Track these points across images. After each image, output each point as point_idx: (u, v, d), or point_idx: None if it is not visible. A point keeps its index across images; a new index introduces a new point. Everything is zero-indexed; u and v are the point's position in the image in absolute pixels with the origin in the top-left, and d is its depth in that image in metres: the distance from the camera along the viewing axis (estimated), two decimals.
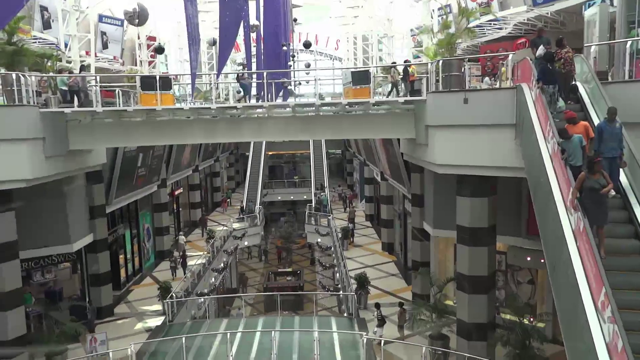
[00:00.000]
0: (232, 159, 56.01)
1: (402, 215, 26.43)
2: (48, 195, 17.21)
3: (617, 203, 8.42)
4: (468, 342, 14.15)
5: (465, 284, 14.05)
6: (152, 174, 25.62)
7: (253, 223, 36.32)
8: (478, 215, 13.68)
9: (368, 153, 33.22)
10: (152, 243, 27.92)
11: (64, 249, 17.81)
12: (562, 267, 7.75)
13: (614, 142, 8.40)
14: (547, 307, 15.70)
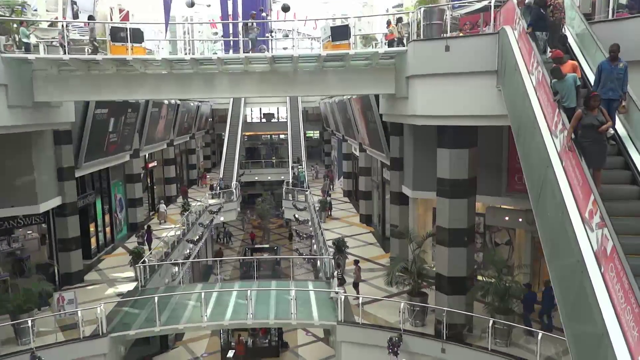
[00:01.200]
0: (209, 138, 55.17)
1: (381, 186, 26.28)
2: (14, 152, 16.51)
3: (613, 150, 7.81)
4: (447, 297, 14.00)
5: (445, 237, 13.88)
6: (124, 142, 24.84)
7: (229, 199, 35.75)
8: (458, 166, 13.48)
9: (347, 126, 32.91)
10: (124, 214, 27.20)
11: (30, 210, 17.08)
12: (547, 190, 7.54)
13: (613, 83, 7.81)
14: (525, 267, 15.63)
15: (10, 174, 16.48)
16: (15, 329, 14.14)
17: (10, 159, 16.44)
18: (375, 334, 14.48)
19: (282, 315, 16.33)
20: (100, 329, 14.62)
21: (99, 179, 24.02)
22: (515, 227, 17.10)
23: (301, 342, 25.86)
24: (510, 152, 15.71)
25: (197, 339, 26.34)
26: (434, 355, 13.78)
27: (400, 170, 19.68)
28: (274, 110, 59.47)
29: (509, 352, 12.96)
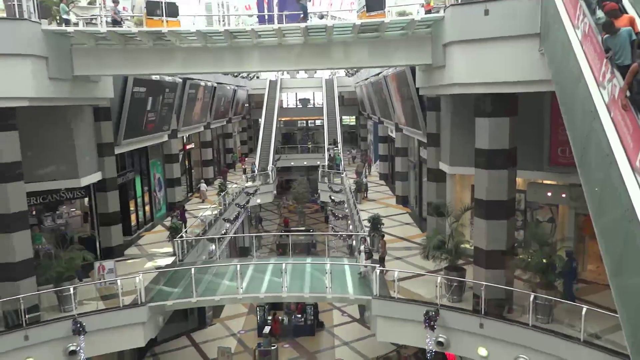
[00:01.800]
0: (245, 124, 55.57)
1: (418, 166, 25.83)
2: (56, 127, 16.94)
3: None
4: (486, 271, 13.59)
5: (483, 210, 13.44)
6: (162, 122, 25.21)
7: (265, 181, 35.94)
8: (498, 136, 12.99)
9: (382, 107, 32.48)
10: (163, 194, 27.68)
11: (72, 183, 17.51)
12: (593, 142, 7.12)
13: None
14: (568, 240, 15.02)
15: (53, 148, 16.91)
16: (58, 297, 14.57)
17: (53, 134, 16.86)
18: (411, 309, 14.22)
19: (317, 290, 16.30)
20: (139, 298, 14.92)
21: (138, 157, 24.49)
22: (558, 203, 16.45)
23: (337, 322, 25.90)
24: (553, 123, 15.07)
25: (234, 317, 26.74)
26: (472, 331, 13.42)
27: (437, 146, 19.24)
28: (309, 95, 59.38)
29: (551, 328, 12.50)
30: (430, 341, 13.73)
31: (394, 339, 15.68)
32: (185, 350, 23.23)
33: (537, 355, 12.38)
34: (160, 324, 16.22)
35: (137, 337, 15.06)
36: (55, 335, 13.83)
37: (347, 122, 60.61)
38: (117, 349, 15.89)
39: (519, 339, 12.62)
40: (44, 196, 18.02)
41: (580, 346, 11.52)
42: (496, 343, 13.12)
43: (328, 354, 22.57)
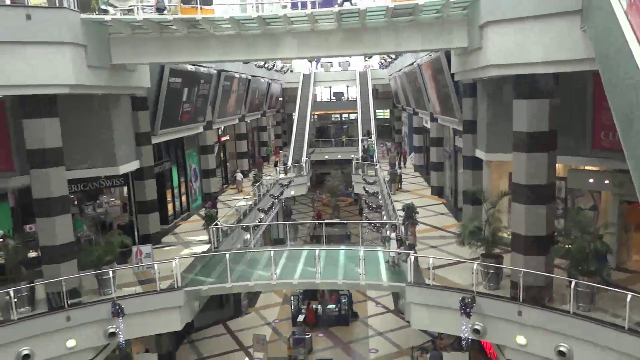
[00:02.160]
0: (279, 117, 55.83)
1: (453, 156, 25.40)
2: (95, 115, 17.36)
3: None
4: (524, 258, 13.23)
5: (522, 195, 13.06)
6: (197, 113, 25.55)
7: (299, 173, 36.04)
8: (537, 118, 12.59)
9: (417, 98, 32.07)
10: (199, 184, 28.08)
11: (111, 171, 17.90)
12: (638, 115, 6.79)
13: None
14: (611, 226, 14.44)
15: (92, 137, 17.33)
16: (97, 280, 14.95)
17: (92, 123, 17.27)
18: (446, 296, 13.99)
19: (350, 277, 16.23)
20: (176, 283, 15.18)
21: (174, 148, 24.90)
22: (600, 189, 15.87)
23: (371, 312, 25.78)
24: (596, 106, 14.52)
25: (269, 307, 26.95)
26: (510, 319, 13.10)
27: (473, 133, 18.85)
28: (343, 89, 59.18)
29: (593, 316, 12.07)
30: (466, 329, 13.49)
31: (428, 326, 15.49)
32: (221, 338, 23.55)
33: (578, 344, 11.99)
34: (196, 309, 16.47)
35: (173, 320, 15.33)
36: (95, 317, 14.20)
37: (381, 116, 60.16)
38: (154, 331, 16.23)
39: (559, 327, 12.25)
40: (84, 184, 18.53)
41: (625, 334, 11.09)
42: (535, 331, 12.77)
43: (362, 344, 22.49)
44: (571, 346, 12.11)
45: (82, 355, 14.41)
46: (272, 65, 42.72)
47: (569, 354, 12.10)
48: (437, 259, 15.31)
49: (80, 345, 14.19)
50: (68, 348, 13.96)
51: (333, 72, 56.83)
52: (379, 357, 21.18)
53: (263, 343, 20.41)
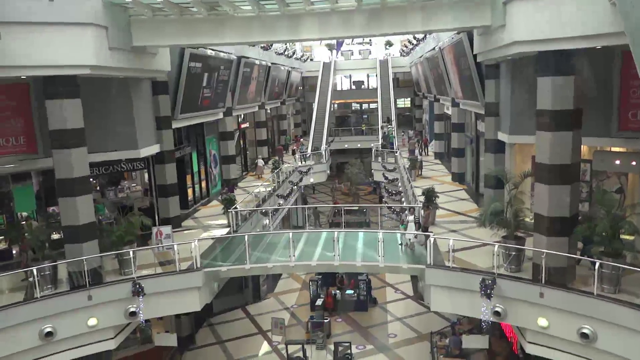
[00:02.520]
0: (299, 106, 55.78)
1: (475, 141, 25.06)
2: (116, 100, 17.49)
3: None
4: (547, 239, 12.97)
5: (545, 174, 12.78)
6: (217, 99, 25.61)
7: (319, 160, 36.01)
8: (562, 96, 12.25)
9: (438, 84, 31.68)
10: (219, 170, 28.22)
11: (132, 154, 18.07)
12: None
13: None
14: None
15: (114, 120, 17.49)
16: (118, 260, 15.12)
17: (114, 106, 17.42)
18: (466, 278, 13.79)
19: (369, 260, 16.14)
20: (195, 264, 15.28)
21: (194, 133, 25.04)
22: (627, 171, 15.45)
23: (390, 298, 25.71)
24: (623, 85, 14.09)
25: (288, 292, 27.09)
26: (531, 301, 12.86)
27: (496, 116, 18.54)
28: (363, 77, 58.78)
29: (618, 298, 11.80)
30: (487, 311, 13.30)
31: (448, 309, 15.31)
32: (240, 322, 23.79)
33: (602, 326, 11.73)
34: (216, 290, 16.58)
35: (193, 301, 15.44)
36: (116, 296, 14.37)
37: (402, 105, 59.64)
38: (174, 312, 16.43)
39: (583, 309, 11.98)
40: (106, 167, 18.75)
41: None
42: (557, 313, 12.52)
43: (381, 329, 22.45)
44: (595, 328, 11.85)
45: (103, 334, 14.62)
46: (292, 52, 42.63)
47: (592, 336, 11.85)
48: (457, 240, 15.10)
49: (102, 324, 14.38)
50: (89, 326, 14.16)
51: (353, 60, 56.50)
52: (398, 342, 21.13)
53: (281, 327, 20.49)
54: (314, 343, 20.73)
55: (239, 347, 21.32)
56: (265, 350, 21.09)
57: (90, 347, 14.50)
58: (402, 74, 54.11)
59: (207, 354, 20.81)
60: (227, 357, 20.59)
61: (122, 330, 15.31)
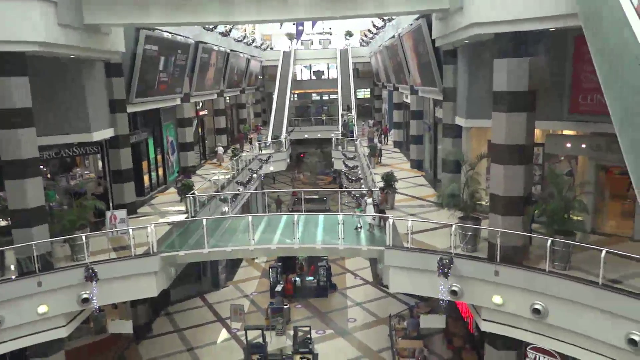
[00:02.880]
0: (259, 95, 55.26)
1: (433, 128, 25.42)
2: (68, 79, 16.82)
3: None
4: (502, 218, 13.27)
5: (501, 155, 13.06)
6: (174, 84, 25.01)
7: (278, 149, 35.78)
8: (517, 77, 12.52)
9: (397, 72, 31.95)
10: (176, 157, 27.63)
11: (84, 138, 17.41)
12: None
13: None
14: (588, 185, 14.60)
15: (65, 101, 16.81)
16: (70, 246, 14.58)
17: (65, 87, 16.73)
18: (424, 258, 13.98)
19: (328, 240, 16.15)
20: (151, 248, 14.90)
21: (151, 119, 24.39)
22: (578, 154, 15.98)
23: (350, 284, 25.86)
24: (575, 69, 14.53)
25: (247, 280, 26.90)
26: (487, 279, 13.17)
27: (453, 101, 18.83)
28: (323, 67, 58.71)
29: (568, 274, 12.20)
30: (444, 290, 13.54)
31: (407, 289, 15.48)
32: (199, 310, 23.47)
33: (554, 302, 12.12)
34: (173, 276, 16.25)
35: (149, 286, 15.07)
36: (67, 282, 13.84)
37: (362, 96, 59.91)
38: (130, 297, 16.01)
39: (535, 286, 12.35)
40: (57, 151, 18.04)
41: (598, 289, 11.22)
42: (511, 290, 12.87)
43: (341, 314, 22.59)
44: (546, 304, 12.24)
45: (54, 321, 14.08)
46: (251, 40, 42.11)
47: (543, 312, 12.23)
48: (416, 222, 15.29)
49: (53, 311, 13.85)
50: (39, 314, 13.60)
51: (314, 49, 56.38)
52: (357, 326, 21.31)
53: (241, 313, 20.34)
54: (273, 329, 20.68)
55: (197, 335, 21.03)
56: (224, 337, 20.89)
57: (40, 335, 13.96)
58: (362, 64, 54.33)
59: (165, 343, 20.43)
60: (185, 345, 20.27)
61: (74, 318, 14.80)
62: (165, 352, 19.69)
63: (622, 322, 10.84)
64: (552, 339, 12.66)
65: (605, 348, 11.48)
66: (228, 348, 19.94)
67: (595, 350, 11.78)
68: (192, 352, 19.72)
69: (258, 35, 48.40)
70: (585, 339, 11.87)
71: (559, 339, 12.49)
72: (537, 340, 13.03)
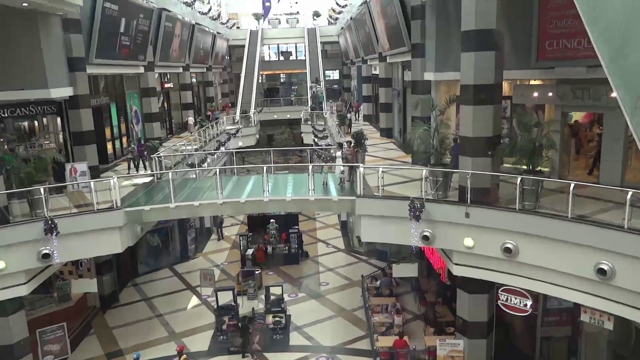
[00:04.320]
0: (226, 76, 54.40)
1: (402, 94, 25.37)
2: (21, 33, 16.02)
3: None
4: (472, 160, 13.23)
5: (469, 96, 12.98)
6: (137, 51, 24.23)
7: (247, 124, 35.28)
8: (484, 15, 12.39)
9: (366, 43, 31.79)
10: (141, 128, 26.86)
11: (41, 94, 16.60)
12: None
13: None
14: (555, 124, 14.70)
15: (19, 56, 16.03)
16: (29, 201, 13.91)
17: (18, 41, 15.97)
18: (396, 205, 13.83)
19: (299, 191, 15.92)
20: (115, 203, 14.35)
21: (113, 85, 23.60)
22: (545, 102, 16.06)
23: (322, 252, 25.70)
24: (542, 15, 14.55)
25: (218, 252, 26.50)
26: (458, 222, 13.10)
27: (422, 57, 18.72)
28: (292, 48, 58.15)
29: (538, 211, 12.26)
30: (416, 234, 13.44)
31: (378, 238, 15.35)
32: (168, 280, 22.97)
33: (524, 240, 12.14)
34: (139, 234, 15.68)
35: (113, 243, 14.47)
36: (26, 237, 13.13)
37: (330, 77, 59.59)
38: (93, 254, 15.42)
39: (506, 225, 12.33)
40: (12, 109, 17.19)
41: (568, 223, 11.27)
42: (482, 232, 12.83)
43: (313, 279, 22.41)
44: (517, 242, 12.26)
45: (13, 278, 13.43)
46: (217, 14, 41.32)
47: (514, 250, 12.26)
48: (386, 167, 15.26)
49: (11, 267, 13.17)
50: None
51: (281, 28, 55.74)
52: (330, 289, 21.17)
53: (210, 278, 19.95)
54: (245, 294, 20.34)
55: (166, 303, 20.50)
56: (195, 303, 20.43)
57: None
58: (330, 45, 54.05)
59: (132, 311, 19.84)
60: (153, 312, 19.73)
61: (35, 276, 14.15)
62: (133, 319, 19.12)
63: (591, 253, 10.94)
64: (523, 278, 12.70)
65: (574, 281, 11.60)
66: (198, 313, 19.51)
67: (565, 284, 11.88)
68: (161, 317, 19.21)
69: (224, 11, 47.49)
70: (555, 275, 11.95)
71: (530, 277, 12.57)
72: (508, 281, 13.07)
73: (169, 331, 18.14)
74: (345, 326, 18.00)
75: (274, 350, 16.54)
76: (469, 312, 14.30)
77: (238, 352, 16.38)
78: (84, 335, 17.96)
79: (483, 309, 14.21)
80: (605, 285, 10.93)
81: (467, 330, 14.47)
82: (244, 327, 16.44)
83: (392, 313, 17.23)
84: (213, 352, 16.64)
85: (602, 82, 13.89)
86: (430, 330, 16.26)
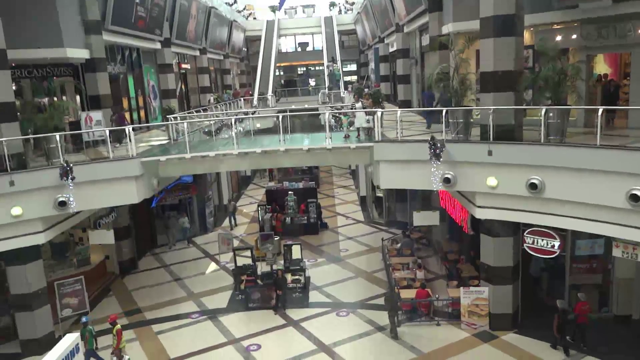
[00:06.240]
0: (243, 67, 54.46)
1: (420, 63, 24.95)
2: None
3: None
4: (494, 95, 12.79)
5: (491, 27, 12.53)
6: (153, 24, 24.22)
7: (265, 105, 35.14)
8: None
9: (382, 19, 31.44)
10: (158, 103, 26.84)
11: (57, 53, 16.60)
12: None
13: None
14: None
15: (34, 15, 16.03)
16: (45, 150, 13.91)
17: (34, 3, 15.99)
18: (415, 148, 13.48)
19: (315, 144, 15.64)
20: (130, 151, 14.27)
21: (130, 57, 23.58)
22: (568, 46, 15.50)
23: (341, 224, 25.37)
24: None
25: (237, 225, 26.24)
26: (480, 161, 12.65)
27: (439, 10, 18.33)
28: (308, 39, 57.99)
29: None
30: (437, 177, 13.02)
31: (398, 183, 14.88)
32: (186, 250, 22.84)
33: (550, 173, 11.67)
34: (155, 187, 15.57)
35: (130, 192, 14.40)
36: (42, 183, 13.15)
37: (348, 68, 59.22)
38: (110, 204, 15.37)
39: (531, 159, 11.90)
40: (29, 70, 17.25)
41: (598, 150, 10.76)
42: (506, 169, 12.42)
43: (332, 246, 22.09)
44: (543, 177, 11.79)
45: (30, 225, 13.46)
46: (233, 1, 41.41)
47: (540, 185, 11.79)
48: (405, 111, 14.81)
49: (28, 214, 13.20)
50: (13, 216, 12.98)
51: (297, 18, 55.69)
52: (350, 254, 20.83)
53: (229, 243, 19.75)
54: (264, 260, 20.06)
55: (185, 268, 20.40)
56: (213, 268, 20.26)
57: (16, 240, 13.36)
58: (347, 36, 53.82)
59: (151, 276, 19.75)
60: (172, 277, 19.60)
61: (53, 226, 14.16)
62: (152, 282, 19.02)
63: (622, 180, 10.43)
64: (550, 215, 12.25)
65: (604, 212, 11.07)
66: (217, 277, 19.34)
67: (594, 217, 11.38)
68: (180, 281, 19.07)
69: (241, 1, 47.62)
70: (584, 208, 11.47)
71: (557, 214, 12.08)
72: (534, 220, 12.61)
73: (188, 292, 17.97)
74: (365, 285, 17.62)
75: (293, 307, 16.22)
76: (494, 257, 13.80)
77: (257, 308, 16.13)
78: (102, 296, 17.94)
79: (508, 253, 13.71)
80: (639, 214, 10.42)
81: (492, 276, 13.96)
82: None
83: (413, 270, 16.79)
84: (232, 309, 16.40)
85: (629, 18, 13.54)
86: (453, 284, 15.76)
